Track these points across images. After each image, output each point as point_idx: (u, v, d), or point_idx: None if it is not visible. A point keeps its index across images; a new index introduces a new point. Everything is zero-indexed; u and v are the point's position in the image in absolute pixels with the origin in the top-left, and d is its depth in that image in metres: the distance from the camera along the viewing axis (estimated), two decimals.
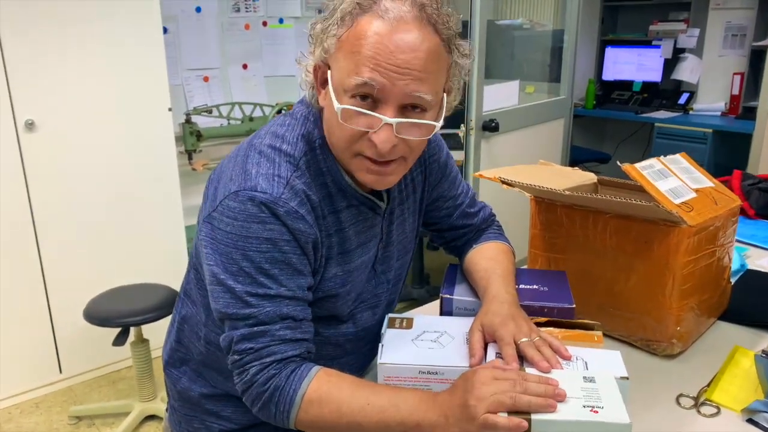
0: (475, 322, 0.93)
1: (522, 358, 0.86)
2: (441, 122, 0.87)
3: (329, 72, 0.85)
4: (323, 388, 0.83)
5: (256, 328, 0.84)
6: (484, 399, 0.74)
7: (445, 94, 0.89)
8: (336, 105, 0.83)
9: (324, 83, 0.88)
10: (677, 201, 1.06)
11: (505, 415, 0.73)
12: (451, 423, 0.76)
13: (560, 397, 0.75)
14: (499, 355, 0.87)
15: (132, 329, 2.27)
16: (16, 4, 2.26)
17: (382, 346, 0.93)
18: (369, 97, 0.82)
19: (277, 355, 0.84)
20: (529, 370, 0.82)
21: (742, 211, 1.79)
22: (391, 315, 1.03)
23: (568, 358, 0.86)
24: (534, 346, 0.86)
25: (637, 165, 1.11)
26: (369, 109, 0.82)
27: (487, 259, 1.09)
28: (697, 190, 1.14)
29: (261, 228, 0.83)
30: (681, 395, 1.00)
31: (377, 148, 0.83)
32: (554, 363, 0.84)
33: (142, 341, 2.31)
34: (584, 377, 0.79)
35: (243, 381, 0.85)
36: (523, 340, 0.86)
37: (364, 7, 0.82)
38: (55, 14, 2.35)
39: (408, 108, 0.84)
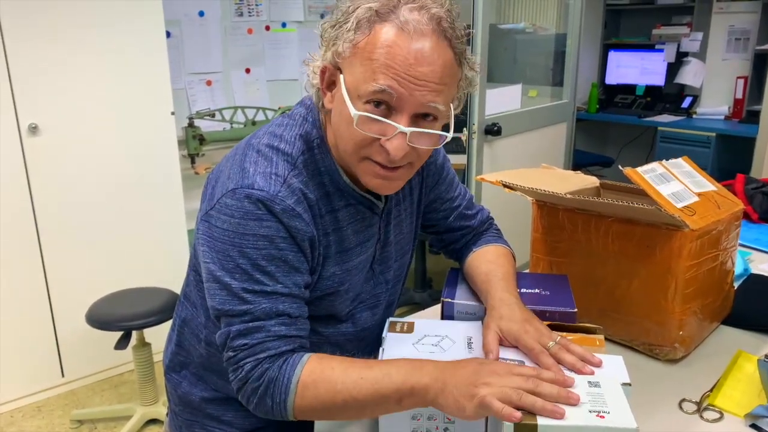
0: (489, 325, 0.92)
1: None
2: (451, 133, 0.88)
3: (341, 76, 0.86)
4: (316, 370, 0.83)
5: (251, 324, 0.84)
6: (491, 386, 0.73)
7: (451, 105, 0.89)
8: (353, 111, 0.83)
9: (330, 86, 0.89)
10: (680, 205, 1.06)
11: None
12: (447, 392, 0.75)
13: (573, 401, 0.73)
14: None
15: (134, 333, 2.28)
16: (20, 8, 2.27)
17: (383, 350, 0.93)
18: (383, 105, 0.83)
19: (271, 351, 0.84)
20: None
21: (746, 215, 1.79)
22: (391, 319, 1.03)
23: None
24: (564, 349, 0.86)
25: (639, 169, 1.10)
26: (383, 117, 0.83)
27: (487, 262, 1.08)
28: (699, 194, 1.13)
29: (257, 225, 0.84)
30: (684, 400, 1.00)
31: (389, 155, 0.84)
32: (590, 359, 0.84)
33: (143, 345, 2.31)
34: (589, 382, 0.79)
35: (238, 378, 0.85)
36: (551, 344, 0.86)
37: (382, 16, 0.82)
38: (58, 18, 2.36)
39: (419, 117, 0.85)
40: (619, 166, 1.18)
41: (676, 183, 1.13)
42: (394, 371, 0.79)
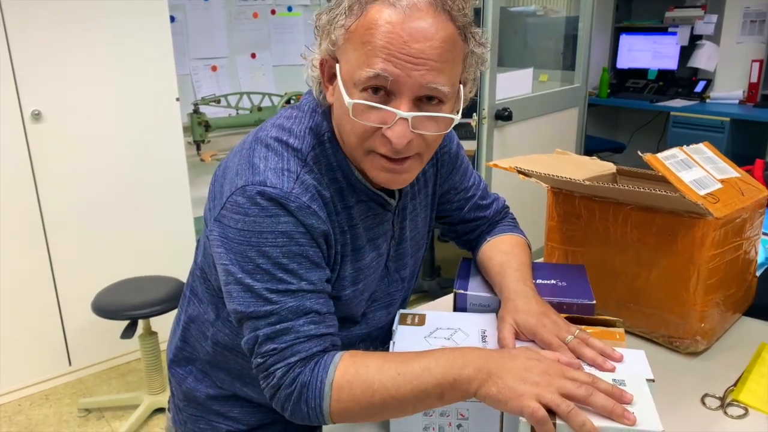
0: (504, 318, 0.88)
1: None
2: (459, 116, 0.83)
3: (337, 66, 0.81)
4: (350, 370, 0.78)
5: (278, 326, 0.79)
6: (540, 386, 0.69)
7: (461, 86, 0.84)
8: (347, 99, 0.78)
9: (331, 78, 0.84)
10: (702, 192, 1.02)
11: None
12: (492, 382, 0.72)
13: (628, 421, 0.68)
14: None
15: (140, 321, 2.26)
16: None
17: (394, 343, 0.89)
18: (381, 90, 0.77)
19: (302, 353, 0.79)
20: None
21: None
22: (402, 311, 1.00)
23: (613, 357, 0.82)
24: (583, 343, 0.82)
25: (660, 155, 1.06)
26: (382, 103, 0.77)
27: (502, 252, 1.04)
28: (722, 181, 1.09)
29: (274, 222, 0.79)
30: (706, 395, 0.96)
31: (392, 144, 0.78)
32: (611, 354, 0.80)
33: (150, 334, 2.30)
34: (614, 380, 0.75)
35: (270, 385, 0.80)
36: (569, 338, 0.82)
37: None
38: (60, 3, 2.32)
39: (423, 100, 0.79)
40: (638, 152, 1.13)
41: (698, 169, 1.09)
42: (433, 364, 0.75)
